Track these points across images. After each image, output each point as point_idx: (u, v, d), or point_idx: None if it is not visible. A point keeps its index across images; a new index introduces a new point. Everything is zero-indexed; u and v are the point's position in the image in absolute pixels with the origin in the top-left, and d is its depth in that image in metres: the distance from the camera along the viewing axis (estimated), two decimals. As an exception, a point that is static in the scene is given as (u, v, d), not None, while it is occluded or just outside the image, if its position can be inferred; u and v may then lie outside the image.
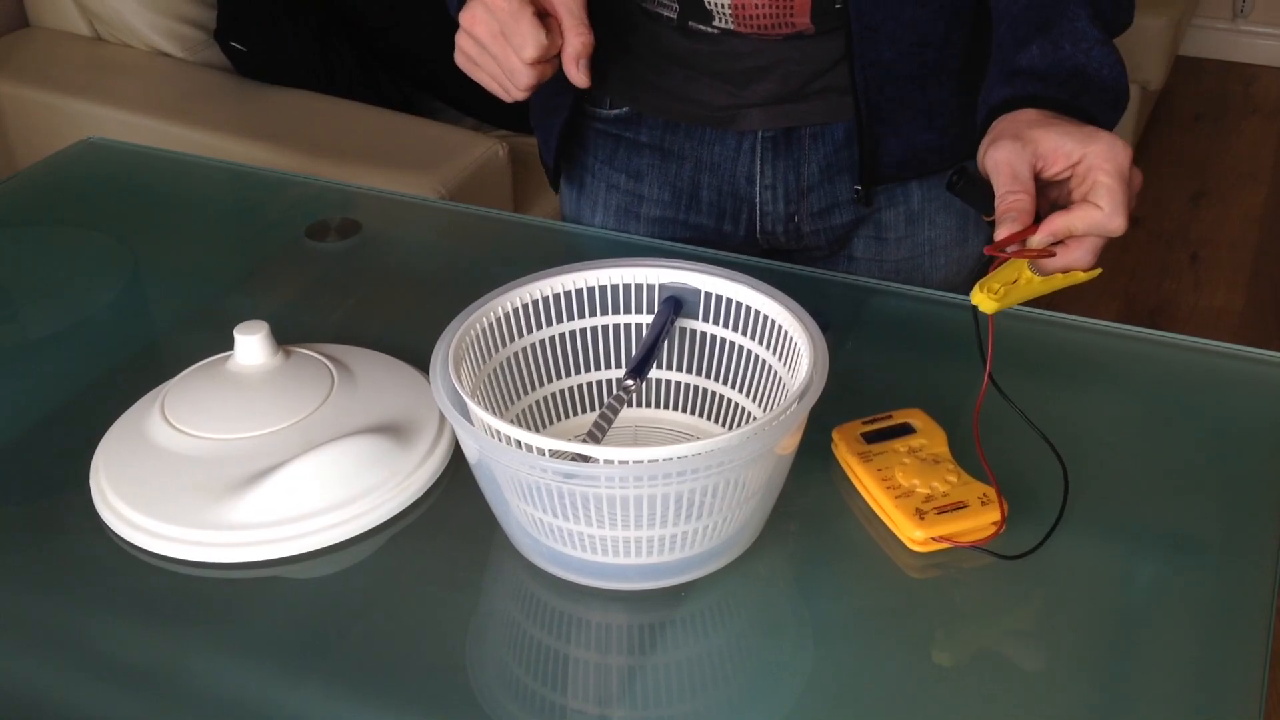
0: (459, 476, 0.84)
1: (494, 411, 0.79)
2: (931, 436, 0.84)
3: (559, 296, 0.85)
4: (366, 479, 0.82)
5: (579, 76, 0.92)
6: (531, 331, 0.85)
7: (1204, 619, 0.75)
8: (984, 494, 0.79)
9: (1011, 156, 0.78)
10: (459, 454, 0.85)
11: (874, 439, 0.84)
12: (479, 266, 1.11)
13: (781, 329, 0.81)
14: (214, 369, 0.89)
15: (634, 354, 0.86)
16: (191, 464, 0.82)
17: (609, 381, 0.88)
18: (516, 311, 0.84)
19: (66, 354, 1.00)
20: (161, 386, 0.90)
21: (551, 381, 0.87)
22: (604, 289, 0.86)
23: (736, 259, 1.06)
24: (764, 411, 0.84)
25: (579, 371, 0.88)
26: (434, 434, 0.86)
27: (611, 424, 0.81)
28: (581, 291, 0.86)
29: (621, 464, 0.70)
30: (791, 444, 0.76)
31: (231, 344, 0.88)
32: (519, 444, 0.71)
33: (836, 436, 0.85)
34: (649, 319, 0.87)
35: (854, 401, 0.87)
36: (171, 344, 1.02)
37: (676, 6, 1.00)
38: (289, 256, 1.12)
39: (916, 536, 0.78)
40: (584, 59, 0.92)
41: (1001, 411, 0.78)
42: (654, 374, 0.87)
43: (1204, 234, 3.02)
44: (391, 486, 0.82)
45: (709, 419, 0.88)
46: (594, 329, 0.87)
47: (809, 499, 0.82)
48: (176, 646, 0.74)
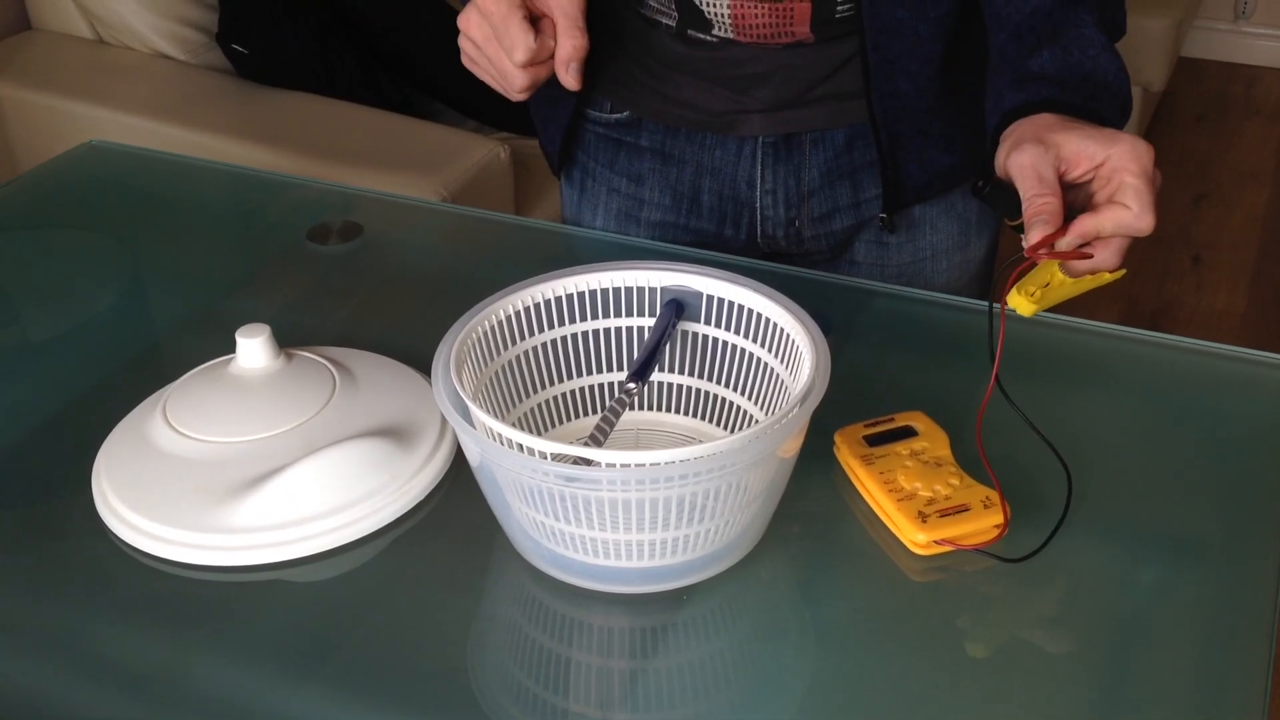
0: (460, 480, 0.84)
1: (496, 414, 0.79)
2: (933, 439, 0.84)
3: (561, 299, 0.85)
4: (368, 482, 0.82)
5: (569, 80, 0.92)
6: (533, 334, 0.85)
7: (1207, 622, 0.75)
8: (986, 497, 0.79)
9: (1035, 160, 0.78)
10: (461, 457, 0.85)
11: (876, 442, 0.84)
12: (481, 269, 1.11)
13: (784, 332, 0.81)
14: (216, 372, 0.89)
15: (636, 357, 0.86)
16: (193, 467, 0.82)
17: (611, 385, 0.88)
18: (518, 314, 0.84)
19: (68, 357, 1.00)
20: (163, 390, 0.90)
21: (553, 384, 0.87)
22: (606, 292, 0.86)
23: (738, 261, 1.06)
24: (766, 415, 0.84)
25: (581, 375, 0.88)
26: (435, 437, 0.86)
27: (613, 427, 0.81)
28: (583, 294, 0.86)
29: (623, 467, 0.70)
30: (793, 447, 0.76)
31: (233, 347, 0.88)
32: (521, 447, 0.71)
33: (838, 439, 0.85)
34: (651, 322, 0.86)
35: (856, 404, 0.87)
36: (173, 347, 1.02)
37: (676, 14, 1.00)
38: (290, 259, 1.12)
39: (919, 540, 0.77)
40: (575, 62, 0.92)
41: (1003, 414, 0.78)
42: (656, 377, 0.87)
43: (1206, 236, 3.02)
44: (393, 490, 0.82)
45: (711, 422, 0.88)
46: (596, 332, 0.87)
47: (811, 502, 0.82)
48: (178, 650, 0.74)
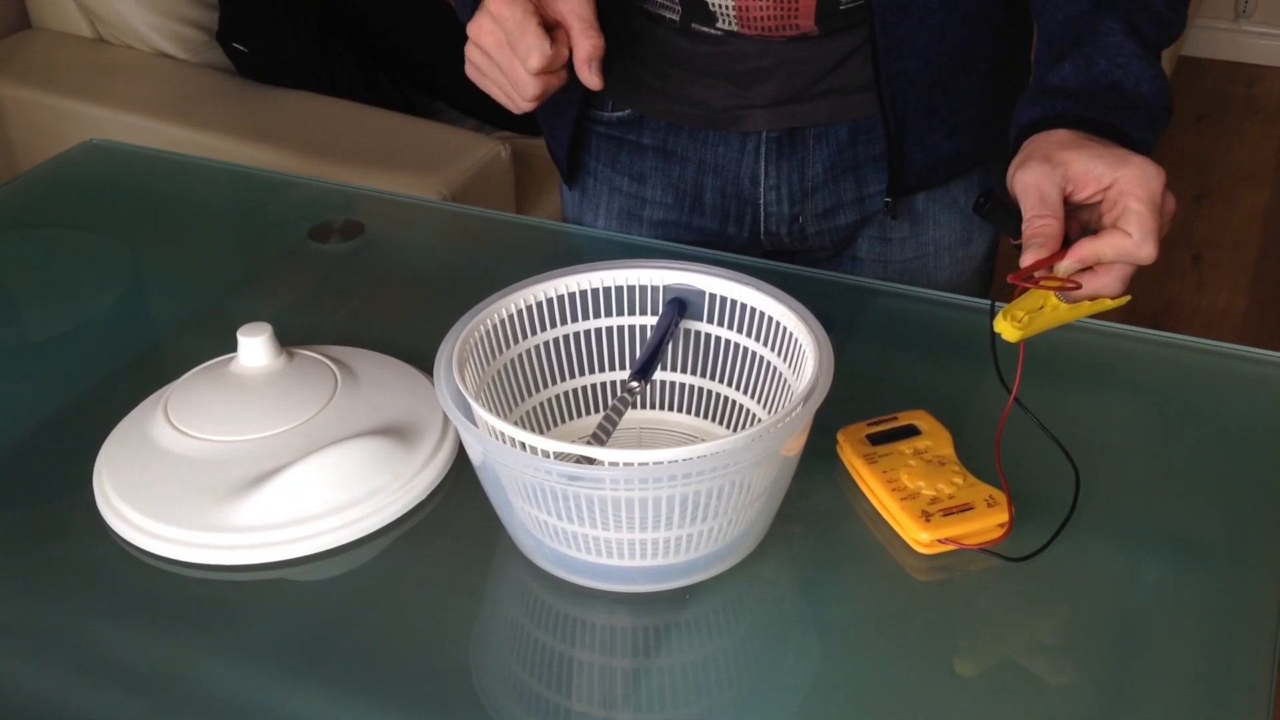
0: (463, 479, 0.84)
1: (498, 413, 0.79)
2: (937, 438, 0.84)
3: (563, 298, 0.85)
4: (370, 481, 0.81)
5: (592, 79, 0.91)
6: (535, 333, 0.85)
7: (1211, 621, 0.75)
8: (990, 496, 0.79)
9: (1040, 179, 0.76)
10: (463, 456, 0.85)
11: (879, 440, 0.84)
12: (482, 268, 1.11)
13: (786, 330, 0.81)
14: (217, 371, 0.88)
15: (639, 356, 0.86)
16: (195, 466, 0.82)
17: (613, 383, 0.88)
18: (520, 313, 0.84)
19: (69, 356, 0.99)
20: (165, 389, 0.89)
21: (556, 383, 0.87)
22: (608, 290, 0.86)
23: (741, 260, 1.06)
24: (769, 413, 0.84)
25: (583, 373, 0.87)
26: (438, 436, 0.85)
27: (616, 426, 0.81)
28: (586, 293, 0.85)
29: (626, 466, 0.70)
30: (796, 446, 0.75)
31: (235, 346, 0.87)
32: (523, 446, 0.71)
33: (841, 438, 0.85)
34: (653, 320, 0.86)
35: (859, 403, 0.87)
36: (174, 346, 1.02)
37: (679, 9, 1.00)
38: (292, 258, 1.12)
39: (922, 539, 0.77)
40: (596, 61, 0.91)
41: (1004, 414, 0.78)
42: (658, 376, 0.87)
43: (1207, 235, 3.02)
44: (395, 489, 0.82)
45: (714, 421, 0.88)
46: (598, 330, 0.87)
47: (814, 501, 0.82)
48: (179, 649, 0.74)
